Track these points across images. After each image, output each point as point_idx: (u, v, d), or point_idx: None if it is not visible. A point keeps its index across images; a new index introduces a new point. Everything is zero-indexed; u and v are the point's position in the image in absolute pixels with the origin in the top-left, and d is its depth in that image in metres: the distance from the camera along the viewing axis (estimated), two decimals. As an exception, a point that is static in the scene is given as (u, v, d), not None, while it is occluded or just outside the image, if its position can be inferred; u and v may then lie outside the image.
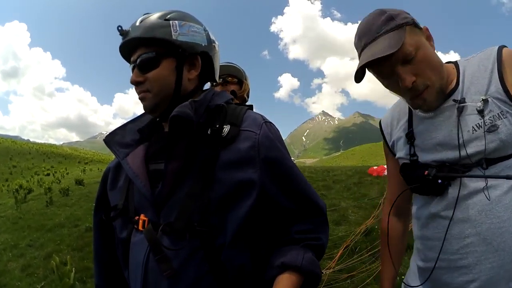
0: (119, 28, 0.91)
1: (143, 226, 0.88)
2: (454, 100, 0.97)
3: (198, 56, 0.97)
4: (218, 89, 1.77)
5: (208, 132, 0.89)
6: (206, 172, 0.85)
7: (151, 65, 0.92)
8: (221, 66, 1.80)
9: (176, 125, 0.88)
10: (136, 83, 0.94)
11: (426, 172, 1.00)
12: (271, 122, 0.98)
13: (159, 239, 0.84)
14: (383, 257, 1.26)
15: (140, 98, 0.95)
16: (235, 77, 1.85)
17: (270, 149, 0.90)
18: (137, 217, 0.91)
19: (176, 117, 0.86)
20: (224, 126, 0.90)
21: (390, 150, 1.22)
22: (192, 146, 0.88)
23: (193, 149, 0.88)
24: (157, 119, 1.03)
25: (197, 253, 0.84)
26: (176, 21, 0.93)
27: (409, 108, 1.11)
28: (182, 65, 0.94)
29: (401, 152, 1.13)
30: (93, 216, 1.12)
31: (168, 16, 0.93)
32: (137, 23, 0.92)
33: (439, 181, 0.98)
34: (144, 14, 0.95)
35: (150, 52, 0.92)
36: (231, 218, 0.85)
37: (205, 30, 0.99)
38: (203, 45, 0.97)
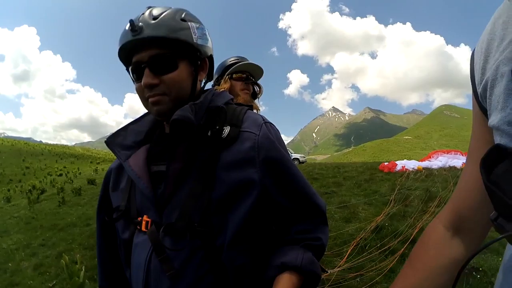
0: (132, 22, 0.85)
1: (147, 227, 0.89)
2: None
3: (207, 59, 0.98)
4: (239, 84, 1.74)
5: (209, 134, 0.89)
6: (207, 172, 0.86)
7: (169, 67, 0.89)
8: (247, 64, 1.78)
9: (177, 128, 0.88)
10: (150, 86, 0.88)
11: None
12: (271, 123, 0.98)
13: (161, 239, 0.84)
14: None
15: (153, 102, 0.89)
16: (254, 77, 1.82)
17: (270, 149, 0.89)
18: (140, 218, 0.91)
19: (176, 120, 0.86)
20: (224, 127, 0.90)
21: (478, 104, 0.60)
22: (193, 148, 0.89)
23: (194, 150, 0.88)
24: (164, 122, 1.01)
25: (197, 253, 0.84)
26: (193, 24, 0.92)
27: None
28: (198, 68, 0.95)
29: (499, 112, 0.50)
30: (96, 217, 1.13)
31: (183, 16, 0.91)
32: (151, 21, 0.86)
33: None
34: (149, 8, 0.90)
35: (167, 53, 0.88)
36: (231, 218, 0.85)
37: (206, 30, 0.99)
38: (211, 47, 0.99)
